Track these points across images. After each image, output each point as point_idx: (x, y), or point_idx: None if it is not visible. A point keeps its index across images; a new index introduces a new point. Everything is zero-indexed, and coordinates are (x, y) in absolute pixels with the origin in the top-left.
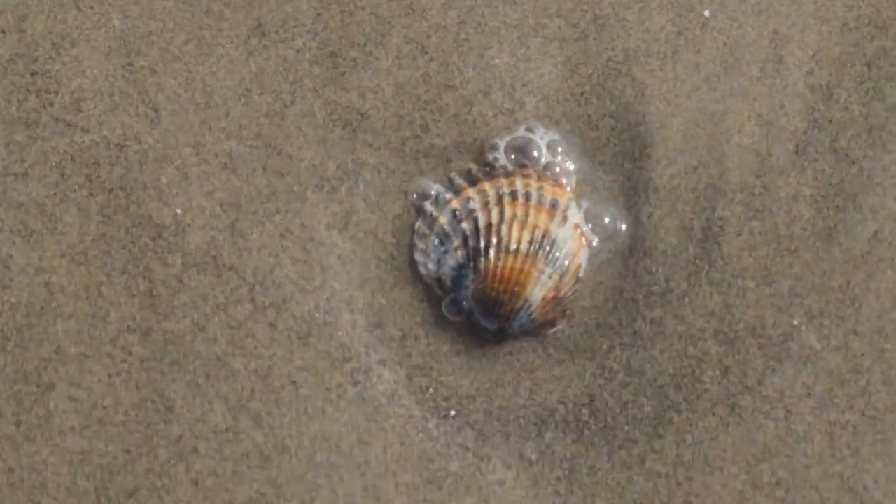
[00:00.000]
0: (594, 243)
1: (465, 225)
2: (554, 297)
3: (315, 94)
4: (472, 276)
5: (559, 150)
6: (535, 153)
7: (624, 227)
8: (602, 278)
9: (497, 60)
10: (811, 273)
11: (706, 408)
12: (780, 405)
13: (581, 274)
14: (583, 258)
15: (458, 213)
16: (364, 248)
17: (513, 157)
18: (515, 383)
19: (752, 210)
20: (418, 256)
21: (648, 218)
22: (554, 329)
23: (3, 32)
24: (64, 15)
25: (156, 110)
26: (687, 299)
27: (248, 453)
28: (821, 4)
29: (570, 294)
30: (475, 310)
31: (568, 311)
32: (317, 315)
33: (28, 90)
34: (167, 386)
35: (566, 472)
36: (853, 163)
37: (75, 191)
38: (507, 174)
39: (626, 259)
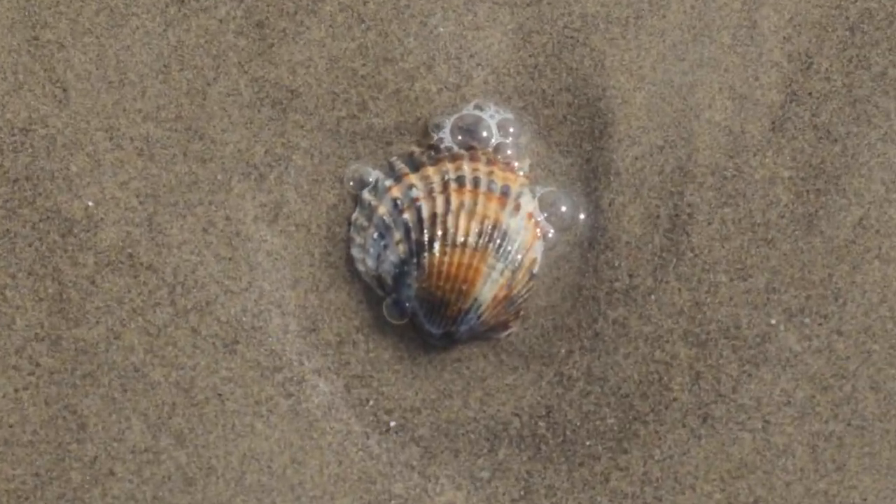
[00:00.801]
0: (550, 235)
1: (407, 216)
2: (506, 297)
3: (240, 69)
4: (415, 273)
5: (511, 130)
6: (485, 133)
7: (583, 216)
8: (559, 274)
9: (441, 29)
10: (790, 265)
11: (675, 419)
12: (758, 415)
13: (536, 270)
14: (538, 252)
15: (399, 202)
16: (296, 242)
17: (460, 138)
18: (465, 394)
19: (725, 195)
20: (356, 252)
21: (610, 205)
22: (506, 332)
23: None
24: None
25: (64, 90)
26: (653, 296)
27: (170, 475)
28: None
29: (523, 293)
30: (419, 312)
31: (522, 312)
32: (244, 319)
33: None
34: (80, 401)
35: (522, 493)
36: (835, 141)
37: None
38: (454, 157)
39: (586, 252)
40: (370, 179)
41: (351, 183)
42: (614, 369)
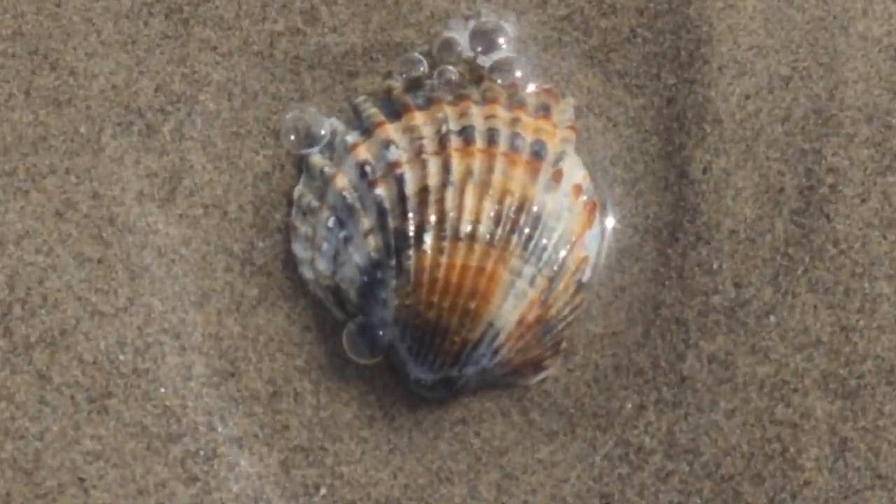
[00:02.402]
0: (609, 220)
1: (381, 190)
2: (539, 319)
3: None
4: (394, 282)
5: (545, 53)
6: (506, 57)
7: (661, 190)
8: (623, 283)
9: None
10: None
11: None
12: None
13: (586, 276)
14: (589, 247)
15: (369, 168)
16: (204, 234)
17: (466, 64)
18: (472, 477)
19: (888, 155)
20: (299, 248)
21: (705, 172)
22: (540, 376)
23: None
24: None
25: None
26: (773, 318)
27: None
28: None
29: (566, 313)
30: (400, 345)
31: (564, 345)
32: (121, 358)
33: None
34: None
35: None
36: None
37: None
38: (457, 96)
39: (665, 248)
40: (322, 132)
41: (292, 138)
42: (711, 435)
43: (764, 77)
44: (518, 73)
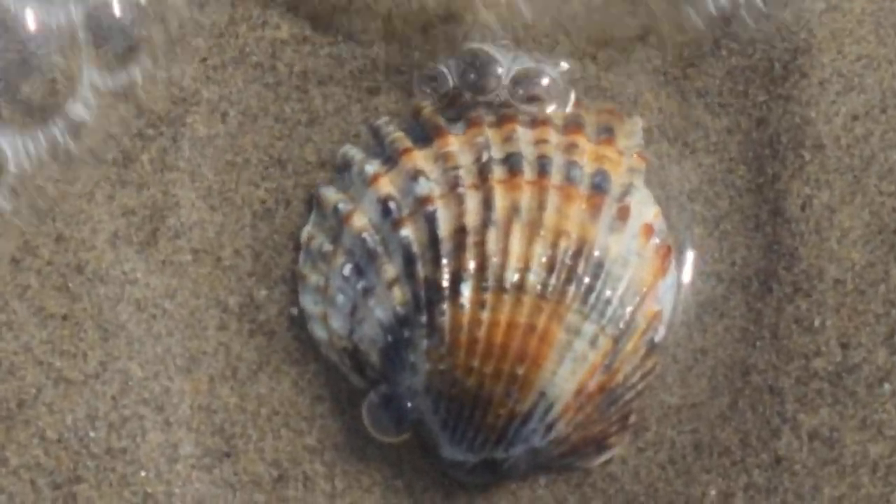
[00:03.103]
0: (686, 269)
1: (408, 232)
2: (602, 388)
3: None
4: (424, 343)
5: (606, 71)
6: (548, 80)
7: (751, 232)
8: (704, 344)
9: None
10: None
11: None
12: None
13: (660, 336)
14: (663, 299)
15: (393, 205)
16: (192, 284)
17: (514, 85)
18: None
19: None
20: (309, 302)
21: (804, 209)
22: (603, 457)
23: None
24: None
25: None
26: (888, 385)
27: None
28: None
29: (635, 379)
30: (432, 418)
31: (633, 419)
32: (92, 434)
33: None
34: None
35: None
36: None
37: None
38: (501, 117)
39: (756, 301)
40: (339, 160)
41: (299, 168)
42: None
43: (875, 93)
44: (572, 97)
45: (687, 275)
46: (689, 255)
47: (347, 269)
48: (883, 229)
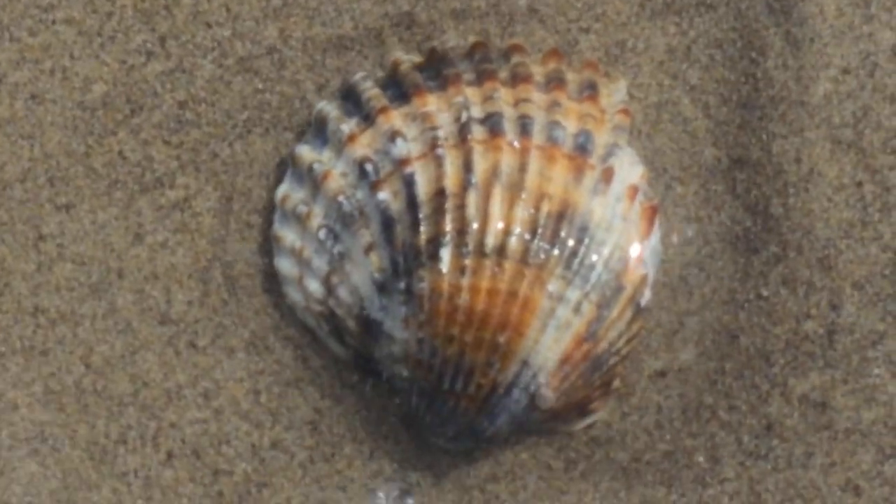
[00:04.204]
0: (675, 233)
1: (385, 194)
2: (586, 355)
3: None
4: (402, 310)
5: (592, 13)
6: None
7: (738, 189)
8: (691, 306)
9: None
10: None
11: None
12: None
13: (644, 298)
14: (648, 263)
15: (370, 166)
16: (167, 250)
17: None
18: None
19: None
20: (285, 264)
21: (793, 165)
22: (586, 421)
23: None
24: None
25: None
26: (881, 348)
27: None
28: None
29: (620, 345)
30: (411, 387)
31: (616, 383)
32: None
33: None
34: None
35: None
36: None
37: None
38: (481, 74)
39: (744, 261)
40: (314, 117)
41: (273, 128)
42: (805, 496)
43: (867, 46)
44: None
45: (673, 236)
46: (674, 216)
47: (323, 233)
48: (874, 186)
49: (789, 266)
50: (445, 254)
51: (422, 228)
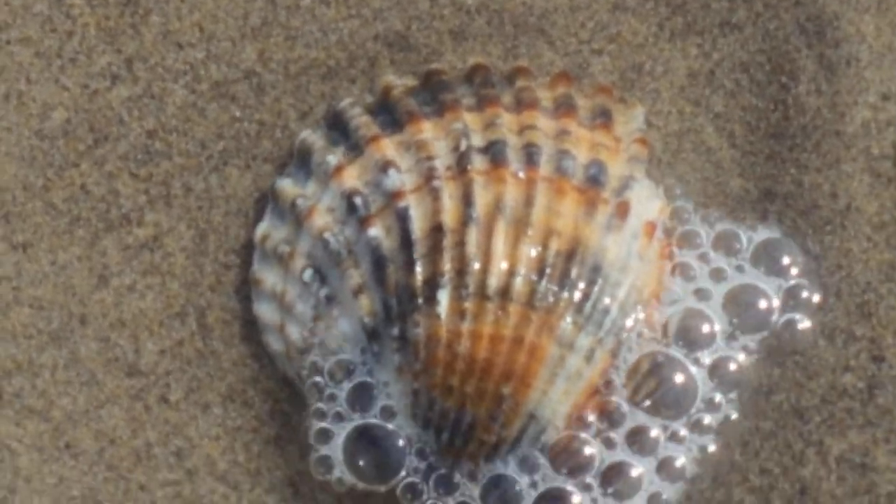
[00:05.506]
0: (693, 272)
1: (376, 231)
2: (600, 407)
3: None
4: (395, 358)
5: (604, 26)
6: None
7: (770, 220)
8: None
9: None
10: None
11: None
12: None
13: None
14: (669, 306)
15: (359, 200)
16: (135, 294)
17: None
18: None
19: None
20: (264, 311)
21: (835, 198)
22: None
23: None
24: None
25: None
26: None
27: None
28: None
29: (638, 398)
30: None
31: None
32: None
33: None
34: None
35: None
36: None
37: None
38: (482, 98)
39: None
40: (296, 148)
41: (255, 159)
42: None
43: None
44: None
45: (696, 280)
46: (697, 263)
47: (308, 274)
48: None
49: (825, 313)
50: (443, 296)
51: (417, 268)
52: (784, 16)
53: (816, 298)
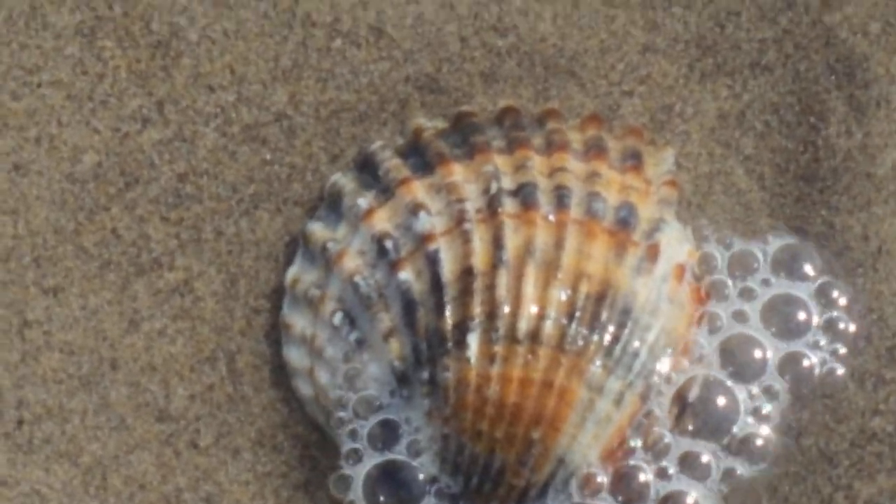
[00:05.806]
0: (722, 315)
1: (406, 274)
2: (630, 452)
3: None
4: (425, 403)
5: (636, 75)
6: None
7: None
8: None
9: None
10: None
11: None
12: None
13: (694, 392)
14: (699, 351)
15: (389, 243)
16: (165, 338)
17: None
18: None
19: None
20: (295, 354)
21: (866, 240)
22: None
23: None
24: None
25: None
26: None
27: None
28: None
29: (666, 438)
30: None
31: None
32: None
33: None
34: None
35: None
36: None
37: None
38: (512, 141)
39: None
40: (327, 192)
41: (285, 202)
42: None
43: None
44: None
45: (726, 325)
46: (724, 306)
47: (338, 318)
48: None
49: (856, 357)
50: (473, 340)
51: (447, 312)
52: (814, 57)
53: (844, 349)
